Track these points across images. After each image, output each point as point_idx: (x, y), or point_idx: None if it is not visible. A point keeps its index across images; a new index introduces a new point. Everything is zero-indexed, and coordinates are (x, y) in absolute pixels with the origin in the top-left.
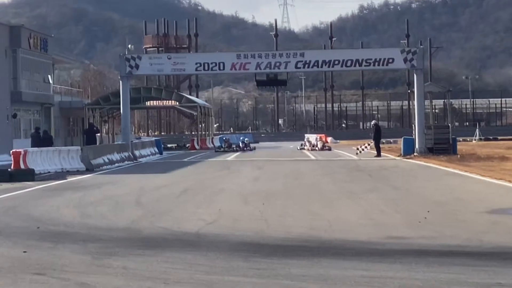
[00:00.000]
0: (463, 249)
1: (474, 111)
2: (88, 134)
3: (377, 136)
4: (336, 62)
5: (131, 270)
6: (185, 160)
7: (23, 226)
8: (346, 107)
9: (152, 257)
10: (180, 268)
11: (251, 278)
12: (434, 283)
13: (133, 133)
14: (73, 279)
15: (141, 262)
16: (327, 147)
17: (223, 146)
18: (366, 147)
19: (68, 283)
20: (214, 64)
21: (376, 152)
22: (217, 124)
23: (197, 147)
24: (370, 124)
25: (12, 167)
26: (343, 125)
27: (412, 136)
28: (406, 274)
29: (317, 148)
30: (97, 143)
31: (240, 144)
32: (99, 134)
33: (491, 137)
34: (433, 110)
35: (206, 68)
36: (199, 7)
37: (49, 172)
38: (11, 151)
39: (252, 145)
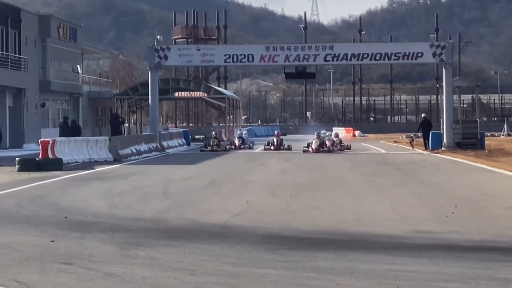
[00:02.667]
0: (490, 244)
1: (503, 106)
2: (112, 124)
3: (426, 129)
4: (365, 56)
5: (158, 261)
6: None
7: (51, 215)
8: (374, 100)
9: (179, 248)
10: (207, 260)
11: (278, 270)
12: (461, 278)
13: (161, 124)
14: (100, 269)
15: (168, 252)
16: (344, 145)
17: (211, 143)
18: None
19: (95, 273)
20: (243, 56)
21: (424, 146)
22: (245, 116)
23: (224, 138)
24: (401, 118)
25: (40, 156)
26: (371, 118)
27: (440, 130)
28: (433, 268)
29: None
30: (123, 134)
31: (236, 141)
32: (126, 125)
33: None
34: (462, 105)
35: (235, 60)
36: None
37: (77, 161)
38: (39, 140)
39: (251, 139)
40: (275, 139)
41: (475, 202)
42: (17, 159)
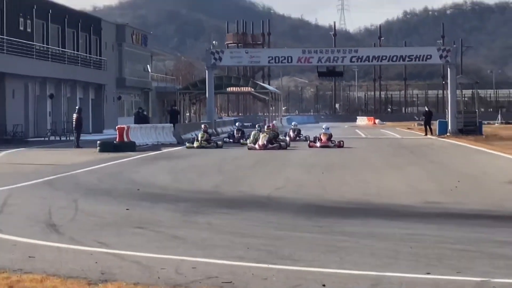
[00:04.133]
0: (489, 213)
1: (497, 99)
2: (171, 114)
3: (428, 118)
4: (384, 58)
5: (214, 226)
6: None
7: (126, 188)
8: (391, 94)
9: (232, 215)
10: (255, 225)
11: (313, 234)
12: (464, 241)
13: (216, 113)
14: (166, 232)
15: (223, 219)
16: (335, 143)
17: (199, 139)
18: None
19: (163, 235)
20: (283, 58)
21: (425, 132)
22: (285, 107)
23: (268, 125)
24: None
25: (117, 140)
26: (389, 109)
27: (446, 119)
28: (440, 232)
29: (317, 145)
30: (179, 122)
31: (235, 133)
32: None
33: (511, 121)
34: (463, 98)
35: (277, 61)
36: (272, 11)
37: (147, 144)
38: (116, 127)
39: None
40: (290, 131)
41: (475, 178)
42: (98, 142)
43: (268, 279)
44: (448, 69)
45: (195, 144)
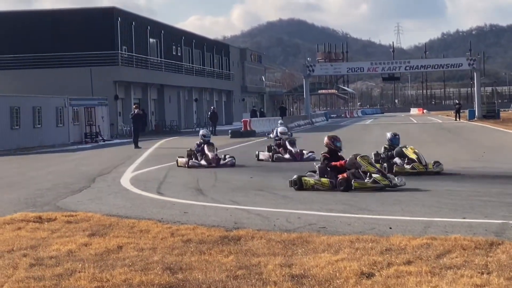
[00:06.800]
0: (507, 174)
1: (510, 93)
2: (280, 110)
3: (458, 109)
4: (428, 66)
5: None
6: (341, 124)
7: (250, 163)
8: (434, 92)
9: None
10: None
11: (381, 192)
12: (489, 194)
13: (311, 109)
14: (279, 193)
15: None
16: (303, 154)
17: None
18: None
19: (276, 196)
20: (357, 68)
21: (455, 118)
22: (359, 103)
23: (348, 116)
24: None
25: (242, 129)
26: (433, 102)
27: (473, 108)
28: (472, 188)
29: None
30: (286, 115)
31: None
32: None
33: None
34: (485, 93)
35: (353, 70)
36: (348, 35)
37: (263, 132)
38: (241, 120)
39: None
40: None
41: (496, 149)
42: (229, 130)
43: (351, 224)
44: (474, 73)
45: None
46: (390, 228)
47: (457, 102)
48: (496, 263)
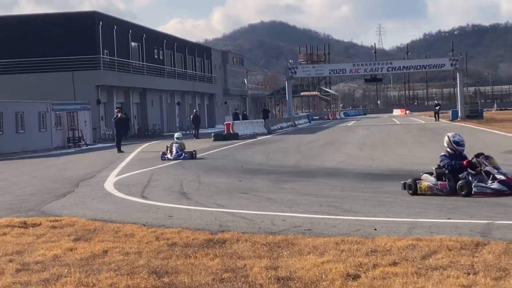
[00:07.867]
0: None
1: (493, 93)
2: (263, 112)
3: (437, 109)
4: (410, 67)
5: (296, 190)
6: (324, 126)
7: (233, 165)
8: (417, 93)
9: (308, 182)
10: (325, 188)
11: (366, 193)
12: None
13: (293, 111)
14: (263, 195)
15: (302, 185)
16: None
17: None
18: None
19: (260, 198)
20: (339, 70)
21: (435, 119)
22: (342, 104)
23: (330, 117)
24: (434, 102)
25: (225, 132)
26: (415, 103)
27: (457, 109)
28: None
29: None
30: (269, 118)
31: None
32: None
33: (503, 108)
34: (468, 93)
35: (335, 72)
36: (330, 37)
37: (246, 134)
38: (224, 123)
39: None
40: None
41: (480, 149)
42: (212, 133)
43: (336, 226)
44: (457, 73)
45: None
46: (375, 229)
47: (436, 102)
48: (482, 263)
